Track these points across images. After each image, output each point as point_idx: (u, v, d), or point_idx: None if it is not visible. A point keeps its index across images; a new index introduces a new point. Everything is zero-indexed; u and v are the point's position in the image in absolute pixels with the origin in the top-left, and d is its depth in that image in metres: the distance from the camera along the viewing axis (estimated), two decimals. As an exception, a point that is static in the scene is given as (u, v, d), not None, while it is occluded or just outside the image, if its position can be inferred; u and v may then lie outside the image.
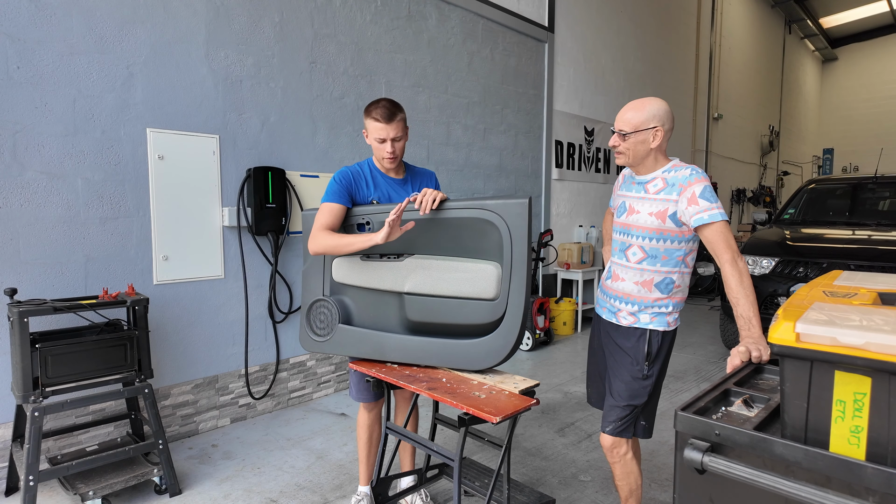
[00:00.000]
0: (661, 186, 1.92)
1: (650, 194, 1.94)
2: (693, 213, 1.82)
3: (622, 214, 2.03)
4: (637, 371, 1.98)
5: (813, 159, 16.11)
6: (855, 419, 0.93)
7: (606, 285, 2.11)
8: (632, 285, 1.99)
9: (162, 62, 3.09)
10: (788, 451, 0.94)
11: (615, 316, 2.05)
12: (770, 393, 1.26)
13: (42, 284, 2.73)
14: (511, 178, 5.66)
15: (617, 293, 2.04)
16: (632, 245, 1.98)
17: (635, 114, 1.91)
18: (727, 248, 1.81)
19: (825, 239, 4.72)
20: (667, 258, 1.94)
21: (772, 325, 1.02)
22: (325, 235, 2.09)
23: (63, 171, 2.77)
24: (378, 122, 2.13)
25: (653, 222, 1.91)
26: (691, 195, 1.83)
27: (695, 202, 1.82)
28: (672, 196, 1.87)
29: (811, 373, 0.97)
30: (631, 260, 1.98)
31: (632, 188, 2.03)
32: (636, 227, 1.96)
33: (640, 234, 1.95)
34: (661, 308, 1.98)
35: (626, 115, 1.93)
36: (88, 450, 2.70)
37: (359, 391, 2.33)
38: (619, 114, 1.96)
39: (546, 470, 2.90)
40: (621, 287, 2.02)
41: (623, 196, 2.07)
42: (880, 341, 0.88)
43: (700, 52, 9.45)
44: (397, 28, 4.37)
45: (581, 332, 6.15)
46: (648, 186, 1.96)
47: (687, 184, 1.85)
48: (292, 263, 3.76)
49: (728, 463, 0.98)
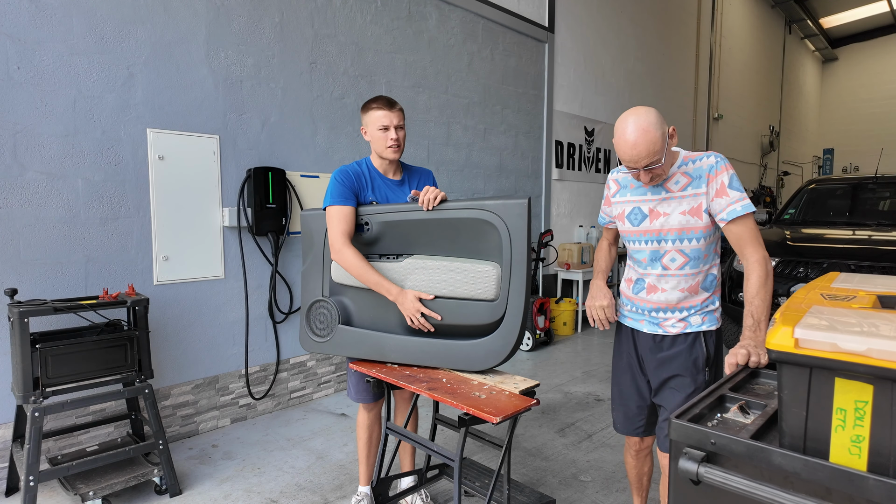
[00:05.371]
0: (685, 182, 1.77)
1: (675, 192, 1.78)
2: (725, 206, 1.70)
3: (641, 221, 1.85)
4: (700, 379, 1.84)
5: (813, 159, 16.10)
6: (856, 428, 0.90)
7: (641, 298, 1.91)
8: (677, 293, 1.83)
9: (162, 62, 3.09)
10: (787, 461, 0.90)
11: (659, 327, 1.89)
12: (766, 398, 1.22)
13: (42, 285, 2.73)
14: (511, 179, 5.66)
15: (659, 305, 1.87)
16: (668, 251, 1.82)
17: (646, 141, 1.65)
18: (759, 244, 1.71)
19: (825, 239, 4.72)
20: (707, 255, 1.82)
21: (769, 330, 0.98)
22: (353, 257, 2.09)
23: (63, 171, 2.77)
24: (380, 109, 2.17)
25: (688, 221, 1.77)
26: (720, 185, 1.71)
27: (724, 193, 1.71)
28: (701, 189, 1.75)
29: (810, 380, 0.93)
30: (671, 267, 1.82)
31: (644, 191, 1.85)
32: (668, 231, 1.80)
33: (675, 238, 1.80)
34: (709, 306, 1.86)
35: (642, 150, 1.65)
36: (89, 450, 2.70)
37: (358, 392, 2.33)
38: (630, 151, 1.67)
39: (546, 470, 2.91)
40: (664, 298, 1.85)
41: (631, 202, 1.89)
42: (883, 347, 0.85)
43: (700, 52, 9.44)
44: (397, 28, 4.37)
45: (581, 333, 6.15)
46: (669, 185, 1.80)
47: (714, 173, 1.73)
48: (292, 264, 3.76)
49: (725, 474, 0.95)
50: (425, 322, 2.05)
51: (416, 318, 2.04)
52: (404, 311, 2.07)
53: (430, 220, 2.09)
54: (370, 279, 2.09)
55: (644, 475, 2.20)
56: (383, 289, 2.08)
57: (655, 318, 1.90)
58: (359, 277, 2.11)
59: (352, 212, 2.15)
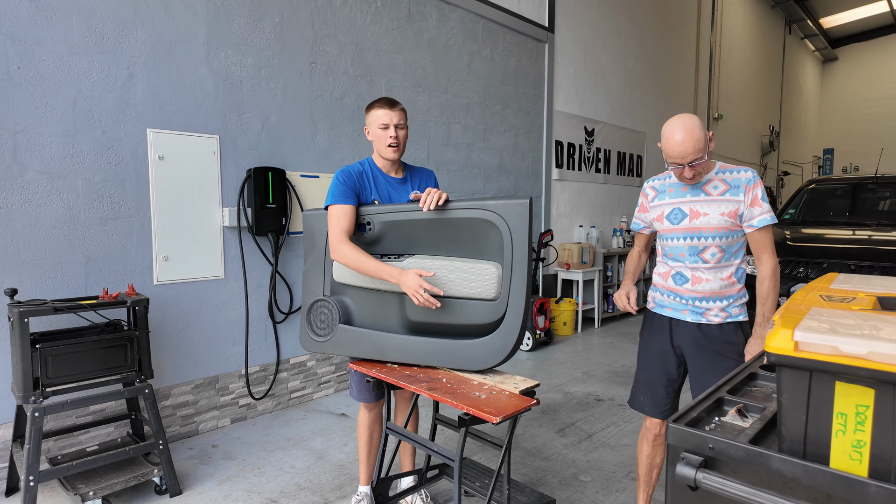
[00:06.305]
0: (723, 188, 2.05)
1: (714, 196, 2.05)
2: (757, 214, 2.02)
3: (682, 220, 2.10)
4: (740, 364, 2.02)
5: (813, 159, 16.09)
6: (857, 433, 0.88)
7: (685, 289, 2.13)
8: (718, 282, 2.08)
9: (162, 62, 3.08)
10: (786, 466, 0.88)
11: (702, 316, 2.11)
12: (765, 401, 1.21)
13: (42, 285, 2.73)
14: (511, 179, 5.66)
15: (703, 294, 2.10)
16: (708, 247, 2.07)
17: (692, 140, 1.91)
18: (773, 250, 2.07)
19: (825, 239, 4.72)
20: (738, 251, 2.10)
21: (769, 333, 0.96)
22: (350, 250, 2.08)
23: (63, 171, 2.77)
24: (381, 108, 2.20)
25: (726, 221, 2.03)
26: (754, 197, 2.03)
27: (757, 203, 2.02)
28: (738, 197, 2.03)
29: (810, 384, 0.91)
30: (710, 261, 2.08)
31: (684, 193, 2.11)
32: (709, 229, 2.06)
33: (714, 235, 2.06)
34: (742, 298, 2.11)
35: (689, 147, 1.92)
36: (89, 450, 2.71)
37: (359, 391, 2.34)
38: (678, 148, 1.93)
39: (546, 470, 2.91)
40: (707, 287, 2.09)
41: (670, 203, 2.14)
42: (884, 351, 0.83)
43: (700, 52, 9.43)
44: (397, 28, 4.37)
45: (581, 333, 6.15)
46: (708, 189, 2.07)
47: (752, 186, 2.03)
48: (292, 264, 3.76)
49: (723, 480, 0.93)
50: (430, 298, 1.97)
51: (420, 294, 1.96)
52: (407, 290, 1.98)
53: (432, 220, 2.09)
54: (369, 267, 2.05)
55: (655, 467, 2.30)
56: (384, 273, 2.02)
57: (699, 308, 2.11)
58: (358, 269, 2.08)
59: (351, 210, 2.15)
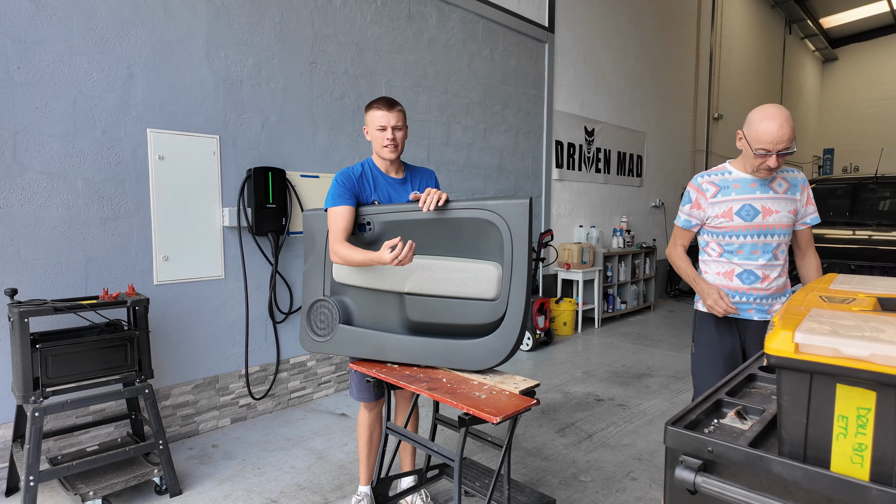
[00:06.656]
0: (786, 186, 2.12)
1: (780, 194, 2.11)
2: (811, 212, 2.15)
3: (754, 217, 2.11)
4: None
5: (813, 159, 16.09)
6: (858, 436, 0.86)
7: (755, 287, 2.15)
8: (781, 280, 2.15)
9: (162, 62, 3.08)
10: (786, 469, 0.87)
11: (768, 314, 2.16)
12: (764, 403, 1.20)
13: (42, 285, 2.73)
14: (511, 179, 5.66)
15: (773, 291, 2.15)
16: (780, 244, 2.13)
17: (789, 127, 1.93)
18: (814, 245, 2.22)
19: (826, 239, 4.73)
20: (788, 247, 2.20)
21: (768, 334, 0.95)
22: (346, 249, 2.09)
23: (63, 171, 2.77)
24: (379, 109, 2.19)
25: (790, 219, 2.12)
26: (808, 196, 2.15)
27: (811, 202, 2.15)
28: (797, 196, 2.13)
29: (811, 386, 0.90)
30: (780, 258, 2.14)
31: (752, 190, 2.13)
32: (780, 226, 2.11)
33: (783, 232, 2.12)
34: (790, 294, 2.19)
35: (786, 133, 1.93)
36: (89, 450, 2.71)
37: (359, 391, 2.34)
38: (777, 132, 1.93)
39: (546, 470, 2.91)
40: (776, 285, 2.15)
41: (740, 200, 2.13)
42: (886, 353, 0.81)
43: (700, 52, 9.43)
44: (397, 28, 4.37)
45: (581, 333, 6.15)
46: (774, 186, 2.12)
47: (806, 185, 2.14)
48: (292, 264, 3.76)
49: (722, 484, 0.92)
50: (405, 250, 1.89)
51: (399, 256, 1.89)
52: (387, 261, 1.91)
53: (432, 220, 2.09)
54: (358, 259, 2.04)
55: None
56: (374, 259, 1.99)
57: (763, 306, 2.16)
58: (350, 263, 2.09)
59: (349, 211, 2.15)
